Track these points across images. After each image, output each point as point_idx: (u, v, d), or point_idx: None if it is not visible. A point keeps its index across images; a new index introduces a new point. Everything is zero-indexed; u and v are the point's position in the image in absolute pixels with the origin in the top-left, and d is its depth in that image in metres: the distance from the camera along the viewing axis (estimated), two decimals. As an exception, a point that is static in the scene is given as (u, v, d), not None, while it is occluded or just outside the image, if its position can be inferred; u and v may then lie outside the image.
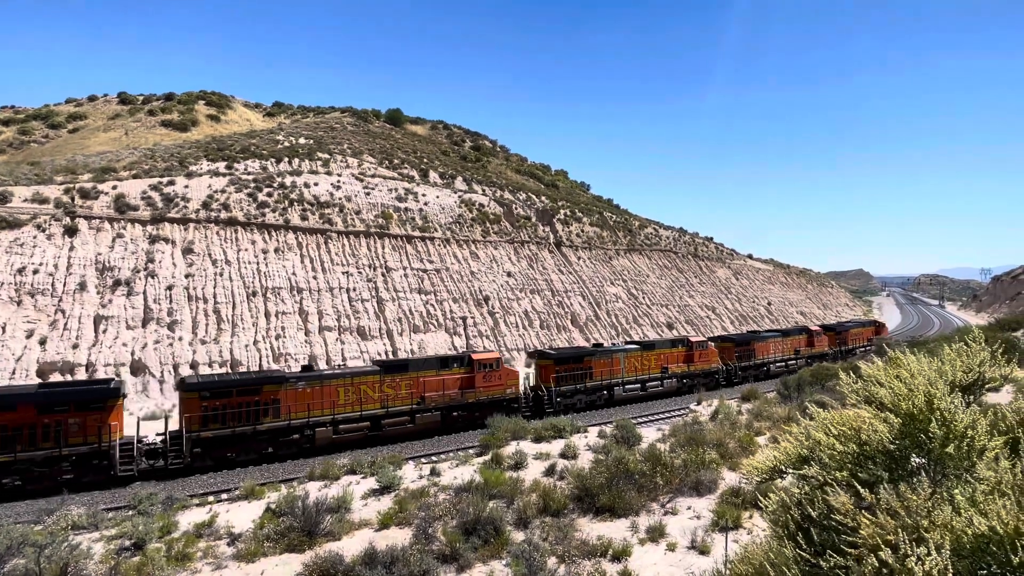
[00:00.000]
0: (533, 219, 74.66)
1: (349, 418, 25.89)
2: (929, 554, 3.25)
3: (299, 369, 30.53)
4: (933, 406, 4.08)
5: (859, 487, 3.88)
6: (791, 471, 4.68)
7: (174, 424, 23.60)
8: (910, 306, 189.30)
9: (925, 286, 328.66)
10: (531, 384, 33.56)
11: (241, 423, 23.45)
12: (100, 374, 34.41)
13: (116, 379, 29.05)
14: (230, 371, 37.50)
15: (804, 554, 3.77)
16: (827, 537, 3.83)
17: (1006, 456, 4.01)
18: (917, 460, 4.41)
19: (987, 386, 5.42)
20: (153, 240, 43.33)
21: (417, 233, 58.78)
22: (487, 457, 18.27)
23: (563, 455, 17.87)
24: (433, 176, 73.56)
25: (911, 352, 5.34)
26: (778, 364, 48.13)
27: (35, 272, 37.43)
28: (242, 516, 14.43)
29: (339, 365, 41.27)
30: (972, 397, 5.25)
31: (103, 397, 21.45)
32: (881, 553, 3.28)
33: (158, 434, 23.66)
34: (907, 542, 3.35)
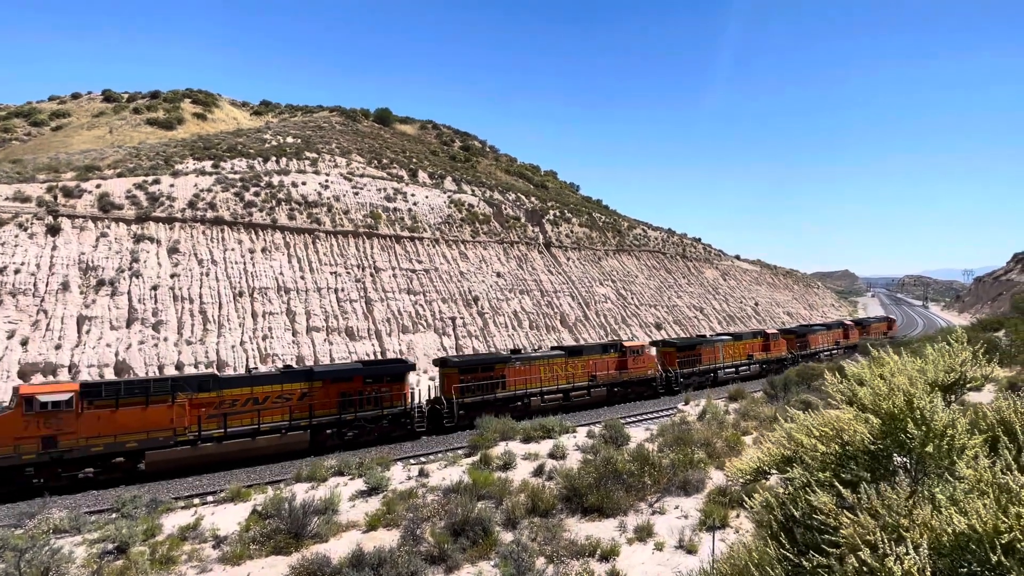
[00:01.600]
0: (522, 219, 74.71)
1: (550, 390, 33.12)
2: (908, 553, 3.29)
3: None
4: (913, 406, 4.13)
5: (840, 487, 3.92)
6: (775, 472, 4.71)
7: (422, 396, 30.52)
8: (895, 306, 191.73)
9: (909, 287, 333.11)
10: (660, 367, 40.29)
11: (484, 393, 30.21)
12: (83, 375, 33.95)
13: (409, 358, 37.66)
14: (471, 353, 46.89)
15: (787, 554, 3.81)
16: (810, 537, 3.87)
17: (985, 455, 4.06)
18: (899, 459, 4.46)
19: (968, 386, 5.49)
20: (138, 239, 42.81)
21: (406, 233, 58.60)
22: (476, 458, 18.25)
23: (552, 455, 17.89)
24: (422, 176, 73.38)
25: (894, 352, 5.40)
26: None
27: (16, 272, 36.83)
28: (228, 518, 14.29)
29: (536, 348, 48.59)
30: (954, 397, 5.32)
31: (404, 371, 28.41)
32: (861, 553, 3.32)
33: (426, 401, 30.14)
34: (886, 541, 3.38)
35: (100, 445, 20.68)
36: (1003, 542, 3.24)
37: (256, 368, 38.26)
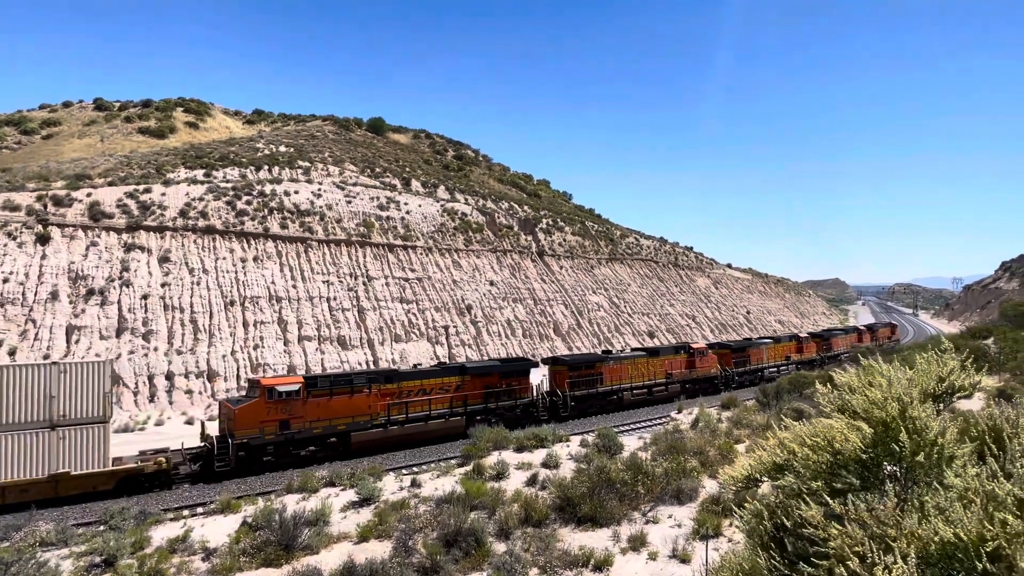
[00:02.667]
0: (515, 228, 74.88)
1: (637, 386, 36.95)
2: (896, 562, 3.30)
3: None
4: (905, 415, 4.16)
5: (828, 498, 3.93)
6: (767, 480, 4.73)
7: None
8: (885, 315, 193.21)
9: (899, 295, 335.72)
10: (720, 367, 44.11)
11: (588, 388, 34.06)
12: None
13: (531, 356, 44.61)
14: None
15: (777, 564, 3.81)
16: (800, 547, 3.88)
17: (973, 464, 4.10)
18: (889, 468, 4.49)
19: (957, 394, 5.54)
20: (128, 248, 42.56)
21: (399, 242, 58.57)
22: (468, 467, 18.17)
23: (545, 464, 17.84)
24: (415, 185, 73.47)
25: (884, 361, 5.45)
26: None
27: (5, 281, 36.51)
28: (217, 530, 14.14)
29: (624, 349, 51.87)
30: (943, 405, 5.37)
31: (530, 369, 32.42)
32: (849, 563, 3.33)
33: (544, 394, 33.04)
34: (874, 551, 3.40)
35: (320, 428, 24.59)
36: (988, 550, 3.26)
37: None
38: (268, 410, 23.28)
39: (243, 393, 26.43)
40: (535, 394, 32.08)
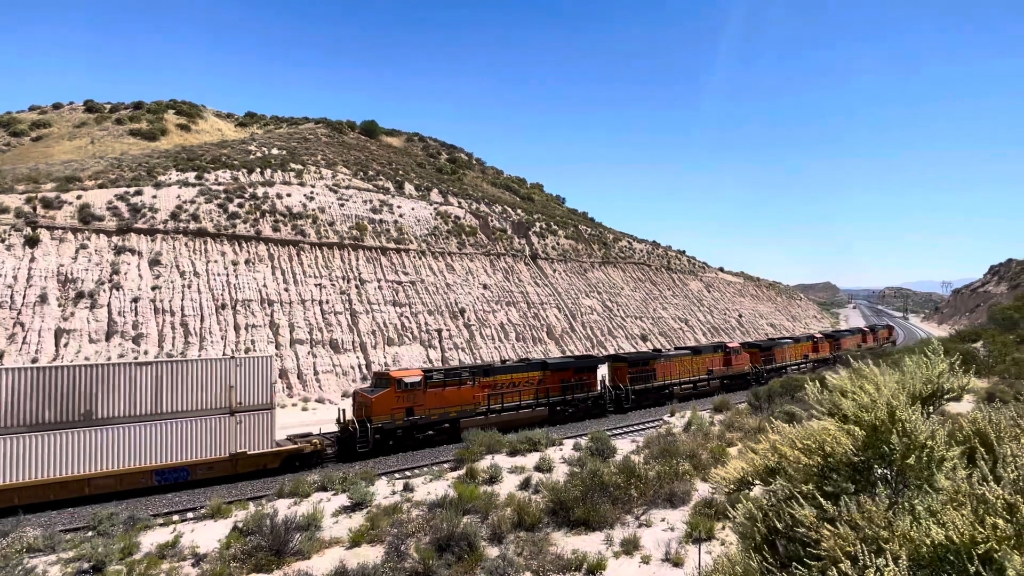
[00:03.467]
0: (509, 232, 74.92)
1: (684, 381, 40.86)
2: (888, 565, 3.31)
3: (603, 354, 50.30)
4: (895, 417, 4.19)
5: (821, 500, 3.95)
6: (758, 483, 4.74)
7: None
8: (876, 318, 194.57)
9: (890, 298, 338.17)
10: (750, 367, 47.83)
11: (644, 383, 37.64)
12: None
13: (595, 353, 50.20)
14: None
15: (770, 566, 3.82)
16: (793, 549, 3.89)
17: (963, 466, 4.13)
18: (881, 471, 4.51)
19: (946, 397, 5.58)
20: (119, 251, 42.23)
21: (392, 245, 58.45)
22: (461, 472, 18.12)
23: (538, 468, 17.82)
24: (409, 188, 73.40)
25: (874, 365, 5.48)
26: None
27: (-8, 284, 36.13)
28: (208, 535, 14.02)
29: (679, 348, 55.38)
30: (932, 408, 5.41)
31: (597, 365, 36.60)
32: (841, 565, 3.34)
33: (610, 387, 36.53)
34: (866, 553, 3.41)
35: (436, 414, 27.99)
36: (979, 552, 3.28)
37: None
38: (397, 399, 26.66)
39: (368, 384, 29.73)
40: (601, 388, 35.91)
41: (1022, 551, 3.24)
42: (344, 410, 27.58)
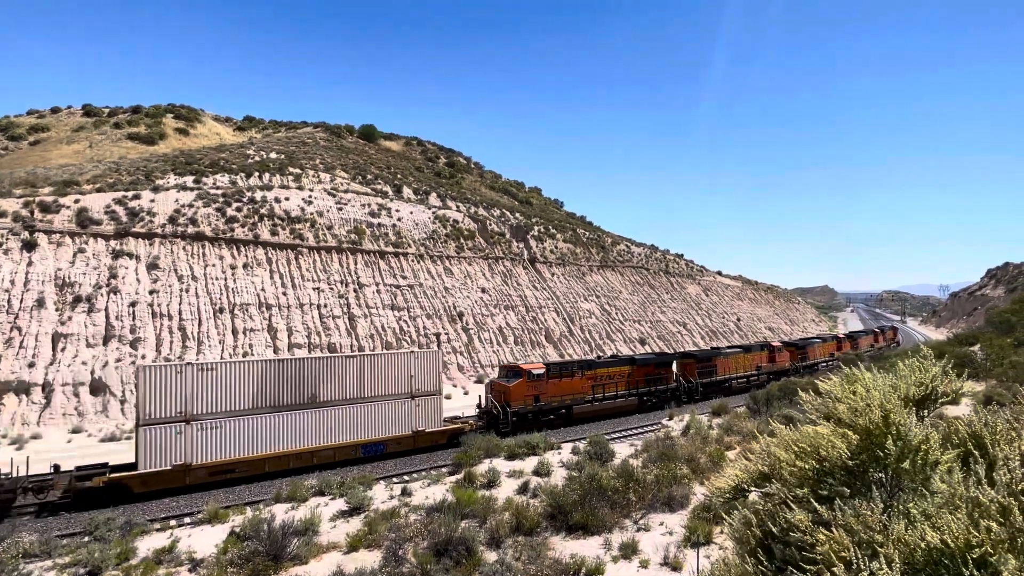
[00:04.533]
0: (507, 235, 74.97)
1: (739, 376, 44.98)
2: (882, 568, 3.32)
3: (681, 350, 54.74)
4: (889, 421, 4.20)
5: (816, 504, 3.95)
6: (754, 488, 4.74)
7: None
8: (874, 321, 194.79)
9: (887, 302, 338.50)
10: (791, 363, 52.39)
11: (709, 377, 41.64)
12: (57, 394, 33.20)
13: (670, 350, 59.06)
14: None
15: (765, 570, 3.82)
16: (788, 553, 3.89)
17: (958, 469, 4.14)
18: (876, 474, 4.51)
19: (940, 400, 5.59)
20: (116, 255, 42.18)
21: (390, 249, 58.46)
22: (460, 476, 18.10)
23: (537, 472, 17.81)
24: (407, 192, 73.45)
25: (869, 369, 5.49)
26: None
27: (-10, 288, 36.05)
28: (205, 541, 13.97)
29: (732, 346, 60.05)
30: (927, 411, 5.42)
31: (672, 360, 41.41)
32: (835, 568, 3.34)
33: (681, 381, 40.18)
34: (860, 557, 3.42)
35: (556, 401, 32.32)
36: (974, 556, 3.29)
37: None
38: (527, 388, 31.08)
39: (498, 376, 34.14)
40: (675, 381, 40.28)
41: (1017, 554, 3.25)
42: (481, 396, 32.36)
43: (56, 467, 20.60)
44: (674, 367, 41.13)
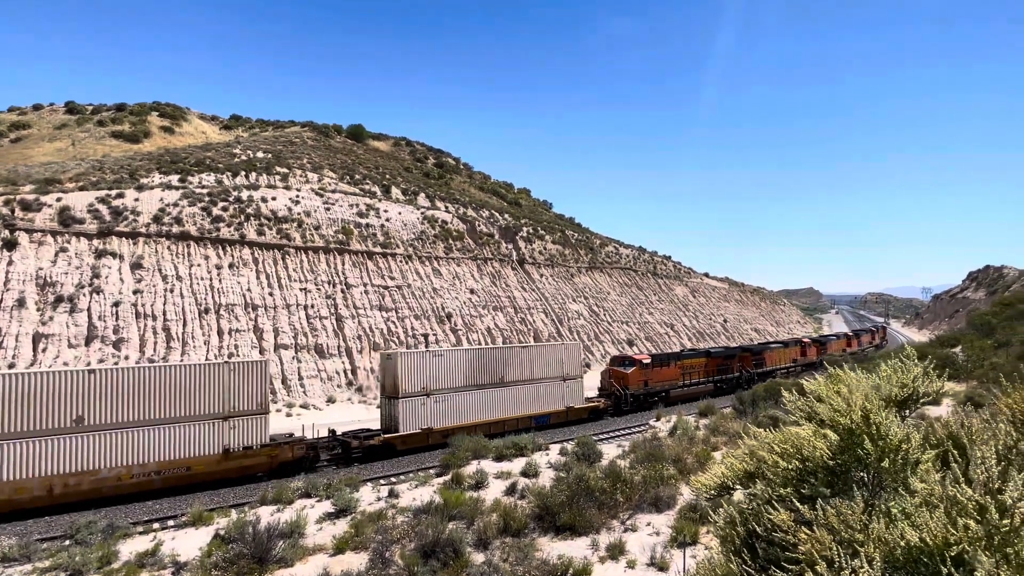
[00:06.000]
0: (496, 236, 74.98)
1: (780, 368, 51.38)
2: (863, 567, 3.37)
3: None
4: (869, 421, 4.26)
5: (798, 504, 4.00)
6: (738, 487, 4.79)
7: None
8: (858, 323, 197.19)
9: (871, 304, 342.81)
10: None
11: (760, 367, 48.35)
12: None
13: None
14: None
15: (749, 570, 3.86)
16: (772, 552, 3.94)
17: (937, 468, 4.21)
18: (857, 474, 4.58)
19: (921, 401, 5.68)
20: (99, 255, 41.61)
21: (378, 249, 58.22)
22: (447, 477, 18.06)
23: (524, 473, 17.81)
24: (395, 192, 73.21)
25: (851, 370, 5.57)
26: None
27: (-32, 288, 35.41)
28: (189, 544, 13.83)
29: (773, 341, 70.82)
30: (908, 412, 5.50)
31: (736, 353, 48.20)
32: (817, 567, 3.39)
33: (742, 370, 47.44)
34: (842, 556, 3.47)
35: (658, 387, 39.06)
36: (952, 554, 3.35)
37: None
38: (640, 375, 37.70)
39: (610, 364, 40.37)
40: (737, 371, 46.74)
41: (992, 552, 3.31)
42: (604, 383, 38.47)
43: (332, 431, 27.45)
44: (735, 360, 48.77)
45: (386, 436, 26.68)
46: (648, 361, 39.11)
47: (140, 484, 20.67)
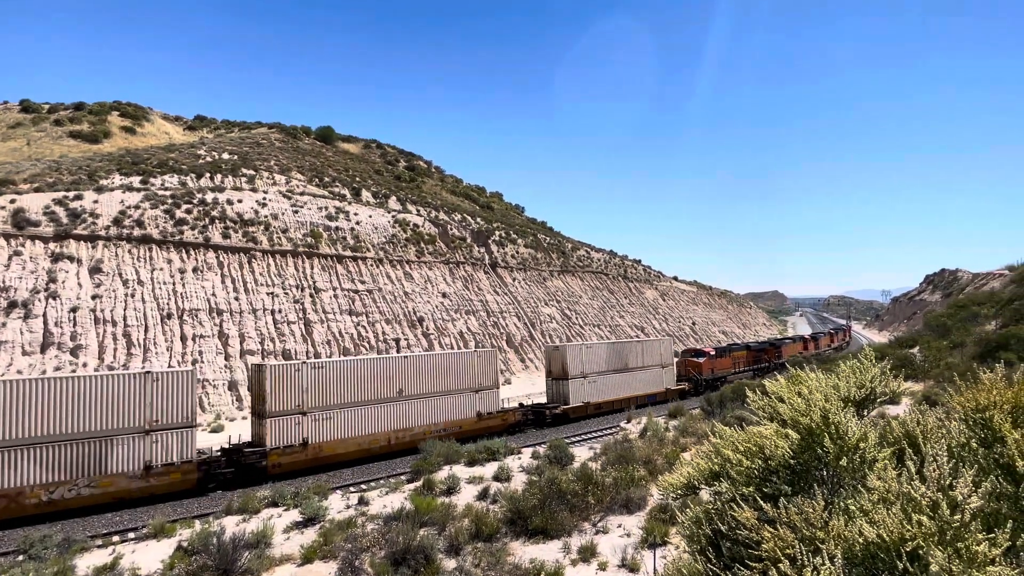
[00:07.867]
0: (468, 240, 74.82)
1: (789, 360, 50.38)
2: (824, 563, 3.46)
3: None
4: (828, 421, 4.38)
5: (761, 502, 4.09)
6: (704, 487, 4.87)
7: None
8: (821, 325, 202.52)
9: (834, 306, 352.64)
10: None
11: (778, 359, 55.05)
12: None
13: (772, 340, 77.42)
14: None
15: (714, 568, 3.93)
16: (736, 550, 4.01)
17: (893, 466, 4.35)
18: (818, 472, 4.69)
19: (880, 400, 5.86)
20: (56, 258, 40.14)
21: (348, 253, 57.52)
22: (419, 483, 17.90)
23: (496, 478, 17.76)
24: (366, 195, 72.49)
25: (814, 371, 5.71)
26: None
27: (-87, 293, 33.77)
28: (150, 556, 13.40)
29: (787, 337, 79.81)
30: (866, 411, 5.67)
31: (767, 348, 57.94)
32: (781, 565, 3.47)
33: (770, 360, 55.56)
34: (804, 553, 3.56)
35: (720, 374, 45.70)
36: (908, 550, 3.46)
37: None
38: (709, 364, 45.34)
39: (682, 355, 47.20)
40: (766, 361, 54.10)
41: (945, 547, 3.43)
42: (683, 369, 45.01)
43: (522, 405, 35.11)
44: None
45: (564, 407, 34.16)
46: (713, 353, 47.31)
47: (439, 435, 27.49)
